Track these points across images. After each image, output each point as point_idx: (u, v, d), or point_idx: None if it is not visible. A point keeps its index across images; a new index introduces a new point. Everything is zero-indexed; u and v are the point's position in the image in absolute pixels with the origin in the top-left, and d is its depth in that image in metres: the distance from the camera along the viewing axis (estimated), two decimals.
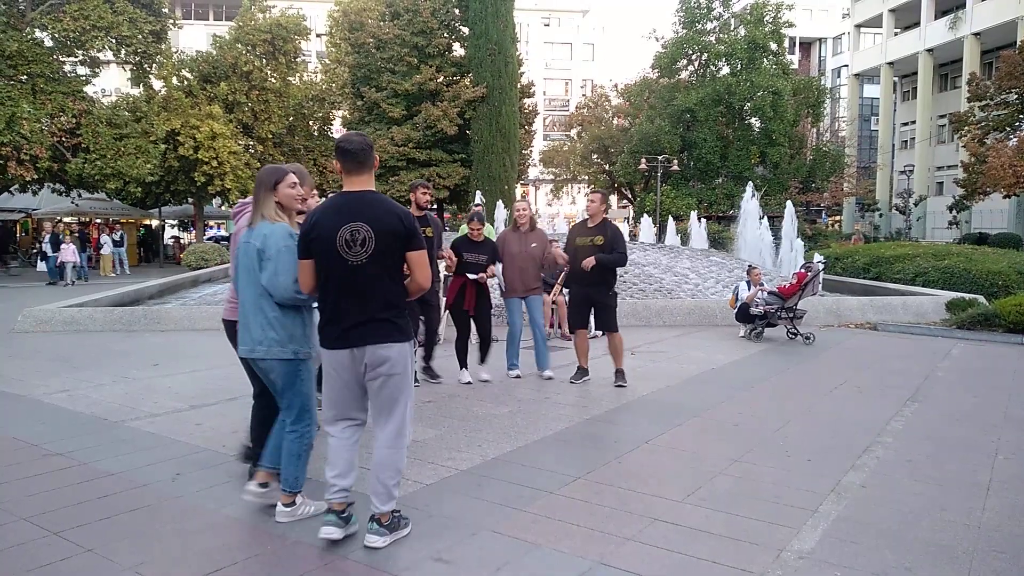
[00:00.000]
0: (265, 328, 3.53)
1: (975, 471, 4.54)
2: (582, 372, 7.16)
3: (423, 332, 7.09)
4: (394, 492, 3.36)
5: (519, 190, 41.02)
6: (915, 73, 42.75)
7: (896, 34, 45.12)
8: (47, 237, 21.58)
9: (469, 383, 6.94)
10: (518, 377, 7.23)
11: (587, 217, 7.14)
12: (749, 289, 10.24)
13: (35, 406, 6.06)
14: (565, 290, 9.71)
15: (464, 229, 7.77)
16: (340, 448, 3.40)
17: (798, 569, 3.17)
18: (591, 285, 6.86)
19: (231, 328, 4.01)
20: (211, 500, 3.94)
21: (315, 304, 3.56)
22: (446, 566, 3.18)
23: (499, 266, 7.23)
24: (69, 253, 20.26)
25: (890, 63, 44.71)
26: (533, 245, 7.15)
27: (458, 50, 32.81)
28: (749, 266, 11.24)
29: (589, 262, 6.65)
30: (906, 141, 46.08)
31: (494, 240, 7.40)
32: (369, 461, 3.45)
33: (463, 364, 7.08)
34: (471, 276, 6.87)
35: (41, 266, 22.09)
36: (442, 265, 7.11)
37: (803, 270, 10.12)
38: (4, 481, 4.20)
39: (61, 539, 3.43)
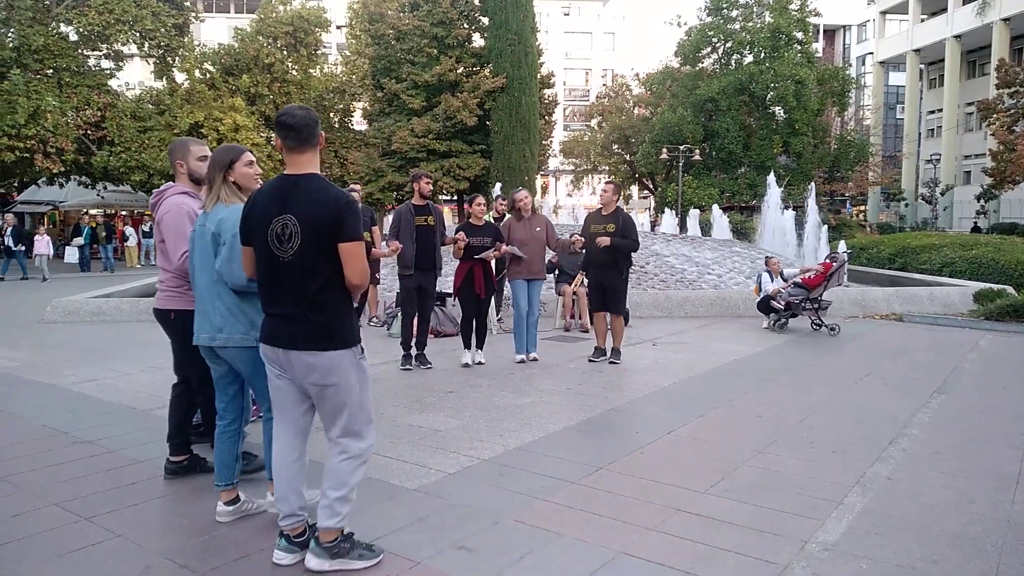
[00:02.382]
0: (224, 315, 3.39)
1: (1003, 463, 4.47)
2: (599, 352, 7.60)
3: (416, 319, 7.27)
4: (338, 508, 2.99)
5: (539, 181, 40.96)
6: (942, 60, 42.02)
7: (922, 20, 44.33)
8: (9, 230, 19.87)
9: (467, 365, 7.22)
10: (522, 362, 7.47)
11: (601, 206, 7.56)
12: (772, 280, 10.15)
13: (65, 395, 6.16)
14: (586, 280, 9.72)
15: (508, 218, 8.00)
16: (280, 463, 3.11)
17: (823, 561, 3.15)
18: (603, 270, 7.33)
19: (164, 317, 4.03)
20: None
21: None
22: (469, 554, 3.20)
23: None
24: (43, 246, 19.22)
25: (916, 50, 43.98)
26: (538, 229, 7.60)
27: (478, 40, 32.73)
28: (767, 257, 11.14)
29: (603, 240, 7.11)
30: (932, 129, 45.35)
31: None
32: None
33: (467, 345, 7.34)
34: (478, 256, 7.09)
35: (37, 260, 19.84)
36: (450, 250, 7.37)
37: (828, 260, 10.01)
38: (36, 467, 4.28)
39: (92, 524, 3.49)
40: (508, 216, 8.05)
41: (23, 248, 20.05)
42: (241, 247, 3.12)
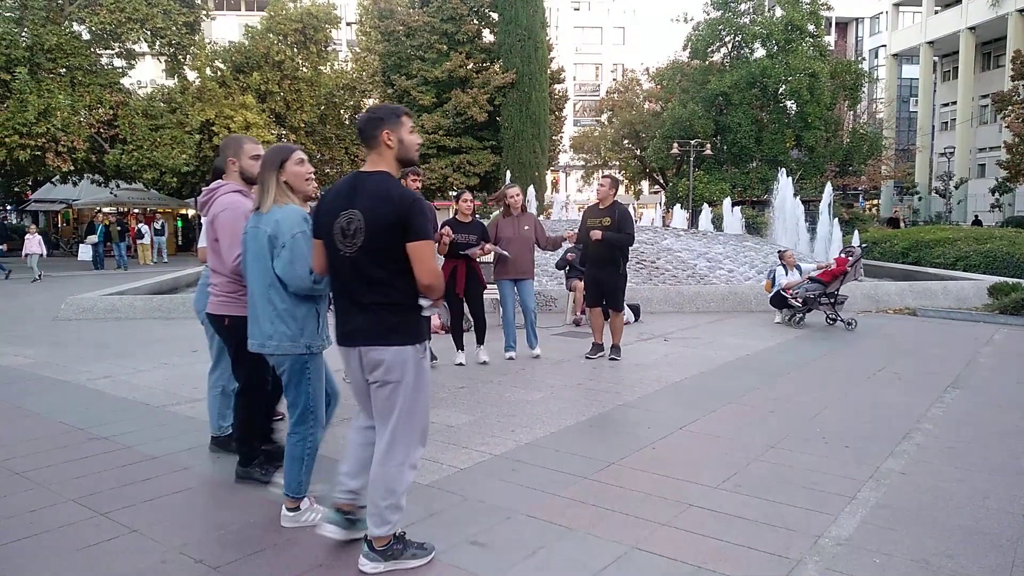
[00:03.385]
0: (275, 321, 3.27)
1: (1018, 458, 4.44)
2: (597, 348, 7.53)
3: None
4: (388, 516, 2.96)
5: (549, 176, 40.89)
6: (956, 52, 41.64)
7: (936, 12, 43.94)
8: None
9: (462, 364, 7.13)
10: (512, 359, 7.40)
11: (598, 201, 7.46)
12: (786, 274, 10.09)
13: (79, 391, 6.22)
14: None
15: (495, 216, 7.85)
16: (353, 445, 3.18)
17: (836, 556, 3.14)
18: (600, 266, 7.26)
19: (218, 322, 3.87)
20: (251, 483, 4.01)
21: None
22: (481, 549, 3.21)
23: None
24: (34, 245, 18.74)
25: (930, 42, 43.60)
26: (526, 228, 7.48)
27: (488, 36, 32.74)
28: (780, 251, 11.08)
29: (596, 234, 7.01)
30: (946, 122, 44.97)
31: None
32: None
33: (459, 346, 7.27)
34: (463, 252, 6.99)
35: (28, 260, 18.88)
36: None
37: (844, 255, 9.94)
38: (52, 464, 4.33)
39: (108, 519, 3.53)
40: (495, 213, 7.89)
41: (3, 248, 19.80)
42: (312, 241, 3.11)
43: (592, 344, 7.59)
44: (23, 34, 22.92)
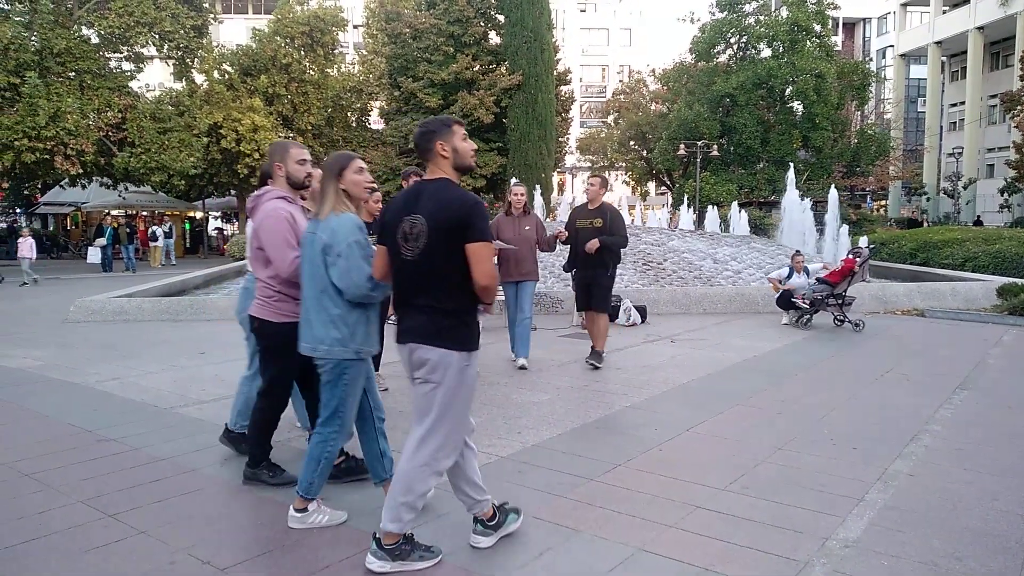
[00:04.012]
0: (327, 326, 3.31)
1: None
2: (596, 354, 7.23)
3: None
4: (402, 514, 2.98)
5: (556, 178, 40.91)
6: (964, 52, 41.47)
7: (944, 12, 43.76)
8: None
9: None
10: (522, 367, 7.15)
11: (587, 201, 7.25)
12: (792, 276, 10.07)
13: (88, 393, 6.25)
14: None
15: (496, 215, 7.78)
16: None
17: (844, 558, 3.13)
18: (590, 268, 7.02)
19: (250, 324, 3.88)
20: (258, 484, 4.03)
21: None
22: (488, 550, 3.21)
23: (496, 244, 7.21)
24: (26, 249, 18.33)
25: (938, 42, 43.43)
26: (527, 228, 7.26)
27: (494, 38, 32.76)
28: (796, 251, 11.04)
29: (593, 245, 6.78)
30: (954, 123, 44.78)
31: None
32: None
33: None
34: None
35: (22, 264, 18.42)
36: None
37: (851, 256, 9.92)
38: (61, 465, 4.35)
39: (116, 521, 3.54)
40: (498, 214, 7.62)
41: None
42: (369, 248, 3.22)
43: (592, 350, 7.30)
44: (32, 38, 23.06)
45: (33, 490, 3.96)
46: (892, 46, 51.29)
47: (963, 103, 42.04)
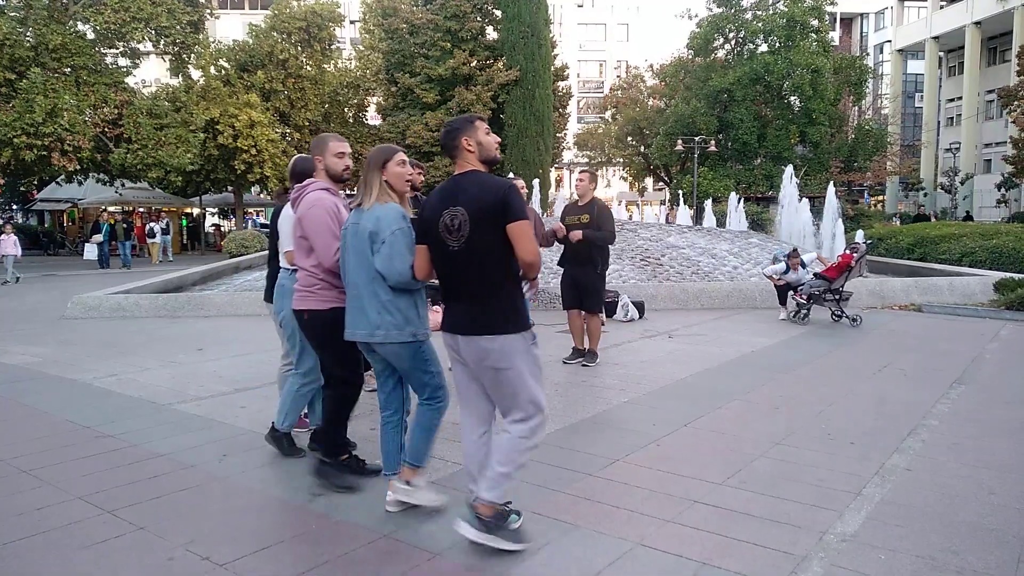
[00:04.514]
0: (381, 312, 3.38)
1: None
2: (576, 353, 7.22)
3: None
4: (501, 481, 3.13)
5: (553, 173, 40.89)
6: (962, 47, 41.49)
7: (941, 7, 43.77)
8: None
9: None
10: None
11: (577, 196, 7.20)
12: (787, 271, 10.07)
13: (86, 390, 6.24)
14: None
15: None
16: (469, 449, 3.31)
17: (841, 552, 3.14)
18: (578, 265, 6.98)
19: (298, 317, 3.86)
20: (256, 480, 4.04)
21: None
22: (485, 546, 3.21)
23: None
24: (9, 246, 17.74)
25: (935, 37, 43.45)
26: None
27: (491, 33, 32.71)
28: (793, 249, 11.05)
29: (576, 234, 6.76)
30: (952, 118, 44.83)
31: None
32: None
33: None
34: None
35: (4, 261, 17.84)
36: None
37: (849, 251, 9.93)
38: (60, 461, 4.35)
39: (115, 517, 3.54)
40: None
41: None
42: (415, 246, 3.29)
43: (572, 349, 7.28)
44: (27, 34, 22.97)
45: (32, 486, 3.96)
46: (889, 41, 51.31)
47: (960, 98, 42.07)
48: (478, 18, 32.17)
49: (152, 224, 26.50)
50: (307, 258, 3.81)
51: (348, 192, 4.69)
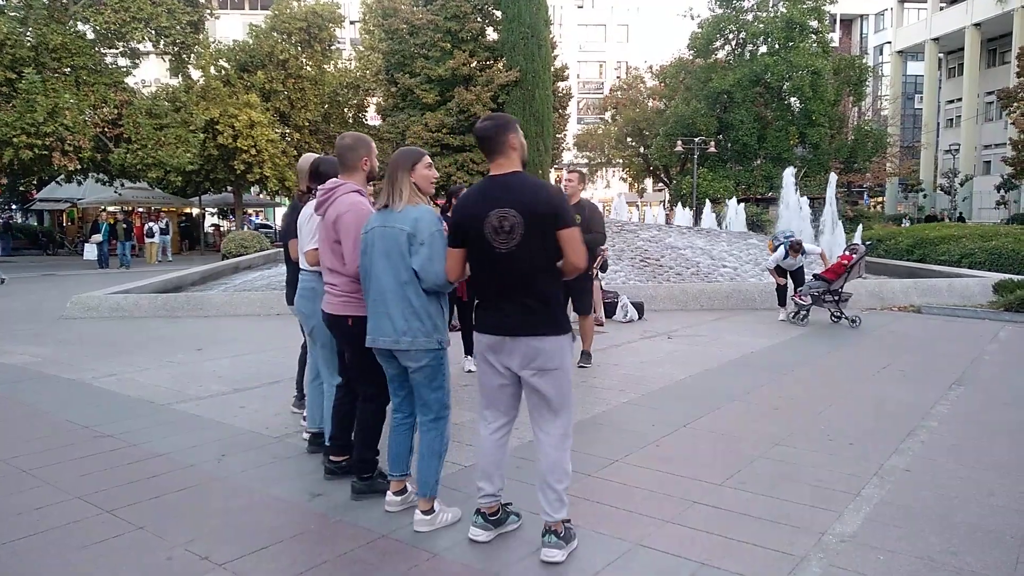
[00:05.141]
0: (409, 318, 3.30)
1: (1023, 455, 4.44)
2: (585, 355, 7.14)
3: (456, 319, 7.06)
4: (565, 497, 3.14)
5: (553, 174, 40.88)
6: (961, 49, 41.52)
7: (941, 9, 43.82)
8: None
9: (471, 371, 6.84)
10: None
11: (568, 197, 7.08)
12: (787, 258, 9.99)
13: (85, 389, 6.24)
14: (602, 274, 9.69)
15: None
16: (487, 448, 3.28)
17: (840, 552, 3.14)
18: None
19: (340, 324, 3.74)
20: (256, 480, 4.04)
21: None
22: (486, 546, 3.22)
23: None
24: None
25: (935, 39, 43.48)
26: None
27: (491, 34, 32.67)
28: (799, 241, 10.99)
29: None
30: (951, 119, 44.85)
31: None
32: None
33: (467, 351, 6.92)
34: None
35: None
36: None
37: (848, 252, 9.92)
38: (59, 461, 4.35)
39: (114, 517, 3.54)
40: None
41: None
42: (448, 250, 3.23)
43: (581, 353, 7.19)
44: (27, 34, 22.95)
45: (31, 486, 3.96)
46: (889, 42, 51.35)
47: (960, 100, 42.09)
48: (478, 19, 32.14)
49: (151, 224, 26.48)
50: (343, 262, 3.70)
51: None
